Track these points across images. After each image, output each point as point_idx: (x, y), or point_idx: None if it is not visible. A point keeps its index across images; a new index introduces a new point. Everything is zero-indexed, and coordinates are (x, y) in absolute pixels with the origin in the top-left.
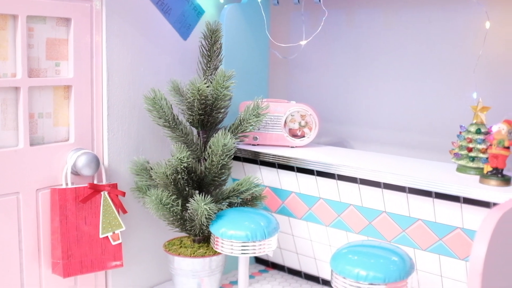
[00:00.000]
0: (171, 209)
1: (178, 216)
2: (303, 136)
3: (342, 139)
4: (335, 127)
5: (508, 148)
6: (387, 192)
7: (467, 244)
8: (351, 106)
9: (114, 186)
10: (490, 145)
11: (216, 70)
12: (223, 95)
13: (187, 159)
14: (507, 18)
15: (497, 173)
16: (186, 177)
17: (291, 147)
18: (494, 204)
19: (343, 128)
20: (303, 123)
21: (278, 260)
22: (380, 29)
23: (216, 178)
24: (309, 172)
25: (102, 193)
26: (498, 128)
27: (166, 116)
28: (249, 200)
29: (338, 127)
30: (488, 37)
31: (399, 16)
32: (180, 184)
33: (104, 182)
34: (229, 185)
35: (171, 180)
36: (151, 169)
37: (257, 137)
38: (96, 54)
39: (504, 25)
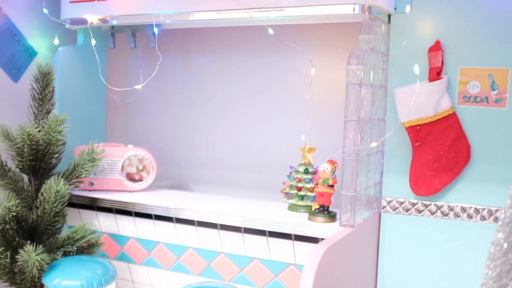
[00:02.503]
0: None
1: (7, 270)
2: (141, 180)
3: (182, 181)
4: (175, 170)
5: (332, 186)
6: (224, 233)
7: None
8: (189, 148)
9: None
10: (317, 184)
11: (48, 114)
12: (55, 140)
13: (16, 207)
14: (328, 65)
15: (324, 210)
16: (15, 227)
17: (129, 191)
18: (322, 239)
19: (183, 170)
20: (140, 167)
21: None
22: (215, 73)
23: (50, 227)
24: (148, 216)
25: None
26: (323, 168)
27: None
28: (85, 248)
29: (177, 169)
30: (313, 82)
31: (233, 61)
32: (9, 235)
33: None
34: (64, 233)
35: None
36: None
37: (94, 182)
38: None
39: (326, 72)
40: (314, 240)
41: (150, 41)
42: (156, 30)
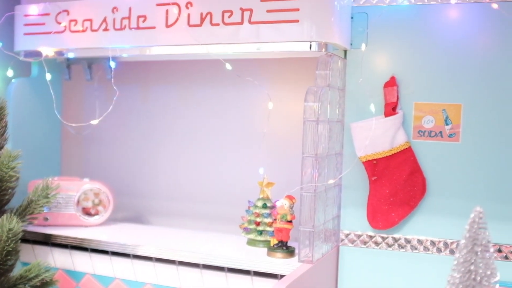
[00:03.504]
0: None
1: None
2: (97, 215)
3: (140, 213)
4: (133, 202)
5: (291, 221)
6: (182, 268)
7: None
8: (148, 180)
9: None
10: (275, 219)
11: (1, 149)
12: (8, 176)
13: None
14: (286, 99)
15: (282, 246)
16: None
17: (85, 226)
18: (281, 275)
19: (141, 202)
20: (96, 201)
21: None
22: (174, 105)
23: (1, 266)
24: (104, 252)
25: None
26: (281, 204)
27: None
28: (39, 286)
29: (135, 201)
30: (272, 116)
31: (192, 93)
32: None
33: None
34: (17, 272)
35: None
36: None
37: (48, 217)
38: None
39: (284, 105)
40: (273, 276)
41: (107, 74)
42: (113, 64)
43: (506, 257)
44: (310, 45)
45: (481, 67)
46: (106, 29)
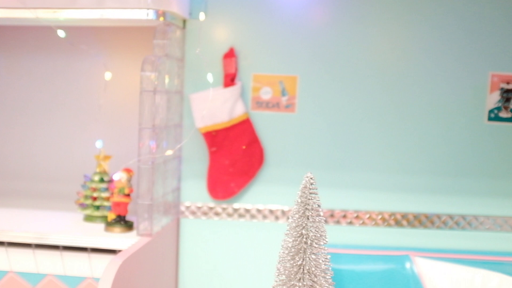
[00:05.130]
0: None
1: None
2: None
3: None
4: None
5: (128, 195)
6: (12, 250)
7: None
8: None
9: None
10: (113, 193)
11: None
12: None
13: None
14: (125, 69)
15: (120, 220)
16: None
17: None
18: (119, 250)
19: None
20: None
21: None
22: (2, 74)
23: None
24: None
25: None
26: (119, 177)
27: None
28: None
29: None
30: (110, 87)
31: (22, 63)
32: None
33: None
34: None
35: None
36: None
37: None
38: None
39: (123, 76)
40: (111, 251)
41: None
42: None
43: (338, 222)
44: (147, 13)
45: (315, 40)
46: None
